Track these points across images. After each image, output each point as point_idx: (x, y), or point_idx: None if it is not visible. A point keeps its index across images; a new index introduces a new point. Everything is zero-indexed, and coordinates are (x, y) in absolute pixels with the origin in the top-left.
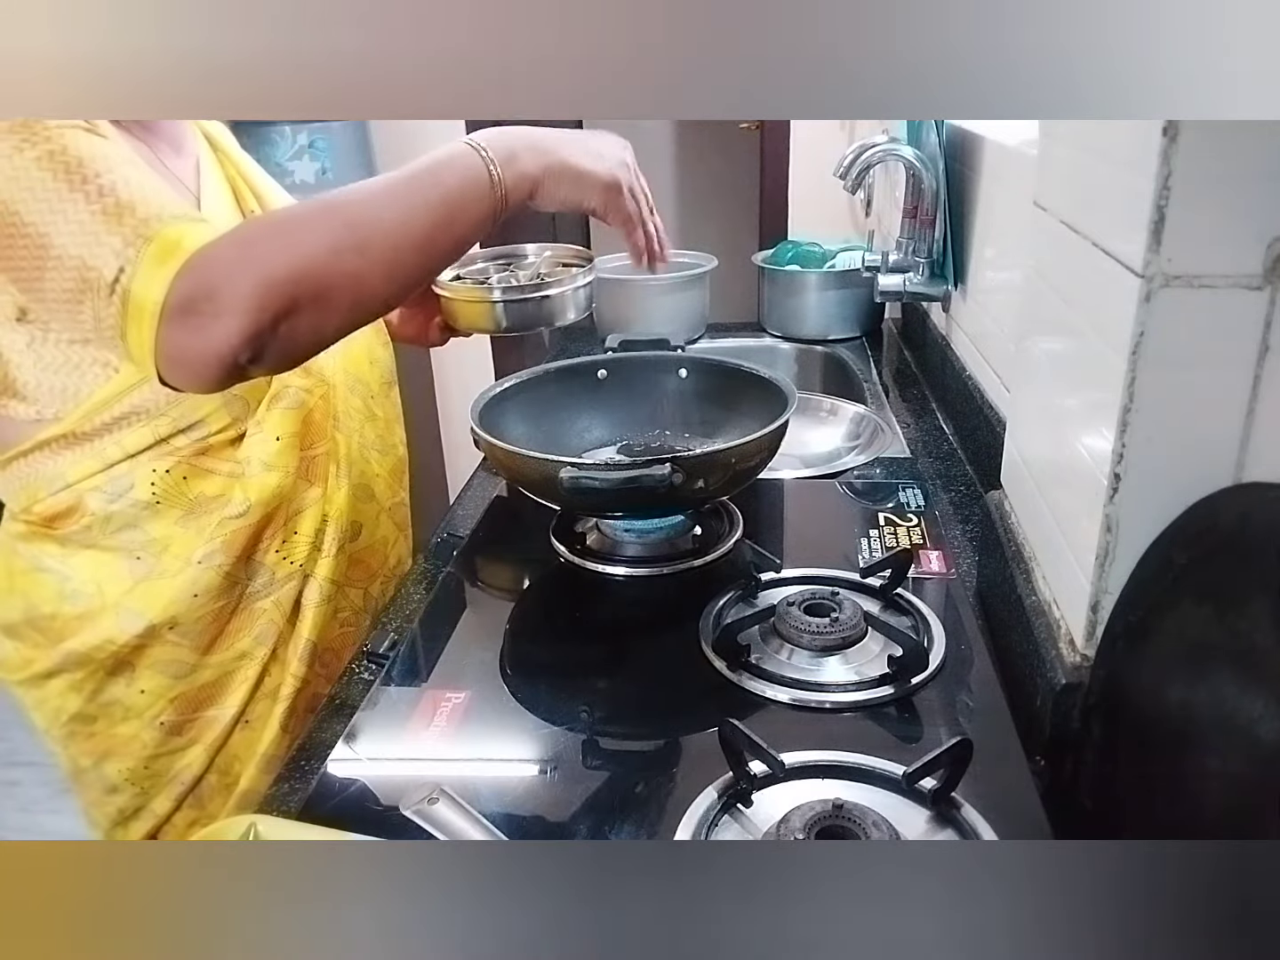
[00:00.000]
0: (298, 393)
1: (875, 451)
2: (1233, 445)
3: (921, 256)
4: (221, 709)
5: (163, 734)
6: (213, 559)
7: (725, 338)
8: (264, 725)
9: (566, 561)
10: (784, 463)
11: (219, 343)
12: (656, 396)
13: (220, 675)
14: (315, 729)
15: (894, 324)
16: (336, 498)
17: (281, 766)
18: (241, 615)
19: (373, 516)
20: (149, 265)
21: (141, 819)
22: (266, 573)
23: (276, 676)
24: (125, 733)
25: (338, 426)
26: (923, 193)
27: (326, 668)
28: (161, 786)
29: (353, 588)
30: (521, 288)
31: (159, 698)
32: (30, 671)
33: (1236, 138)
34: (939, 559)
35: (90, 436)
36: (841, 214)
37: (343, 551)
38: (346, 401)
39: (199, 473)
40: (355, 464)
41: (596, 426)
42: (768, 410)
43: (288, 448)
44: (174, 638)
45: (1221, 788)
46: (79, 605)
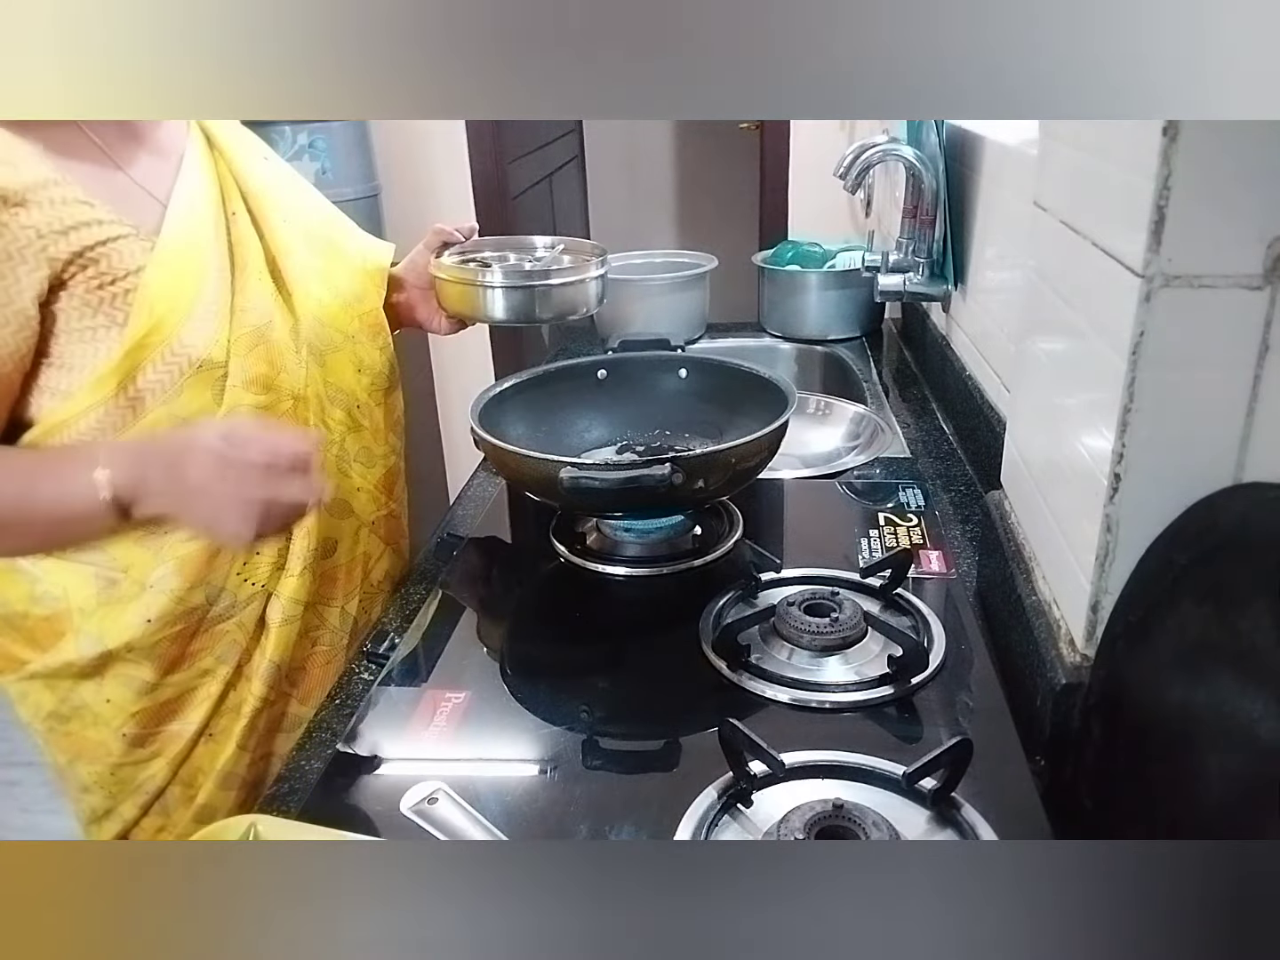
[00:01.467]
0: (250, 411)
1: (875, 451)
2: (1233, 445)
3: (921, 256)
4: (184, 724)
5: (126, 745)
6: (166, 583)
7: (725, 338)
8: (227, 740)
9: (566, 561)
10: (784, 463)
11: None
12: (656, 396)
13: (181, 693)
14: (315, 729)
15: (894, 324)
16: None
17: (240, 783)
18: (203, 636)
19: (350, 532)
20: None
21: (111, 820)
22: (228, 596)
23: (241, 692)
24: (94, 737)
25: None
26: (923, 193)
27: (294, 686)
28: (128, 794)
29: (325, 606)
30: (526, 273)
31: (121, 710)
32: (12, 670)
33: (1236, 138)
34: (939, 559)
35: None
36: (841, 214)
37: (309, 570)
38: (324, 414)
39: None
40: (330, 479)
41: (596, 426)
42: (768, 410)
43: None
44: (133, 658)
45: (1221, 788)
46: (46, 607)
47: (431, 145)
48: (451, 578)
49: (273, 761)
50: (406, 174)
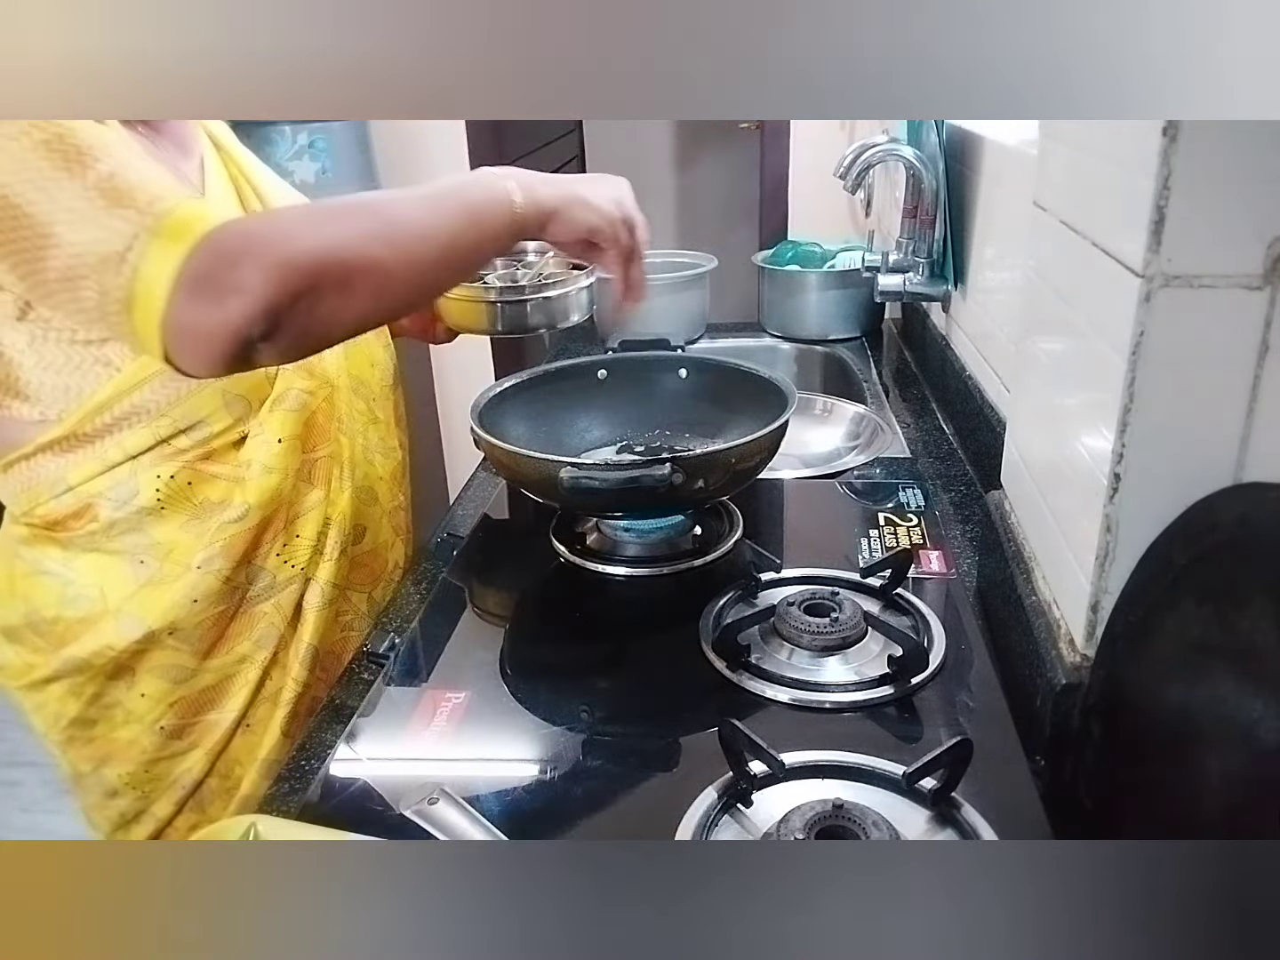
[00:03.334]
0: (300, 395)
1: (875, 451)
2: (1233, 445)
3: (921, 256)
4: (222, 713)
5: (163, 738)
6: (212, 564)
7: (725, 338)
8: (265, 729)
9: (566, 561)
10: (784, 463)
11: (235, 315)
12: (656, 396)
13: (220, 679)
14: (316, 729)
15: (894, 324)
16: (340, 500)
17: (282, 769)
18: (242, 619)
19: (376, 519)
20: (163, 239)
21: (143, 823)
22: (267, 576)
23: (277, 680)
24: (125, 737)
25: (342, 429)
26: (923, 193)
27: (327, 672)
28: (162, 790)
29: (355, 591)
30: (520, 288)
31: (159, 702)
32: (30, 677)
33: (1236, 138)
34: (939, 559)
35: (91, 438)
36: (841, 214)
37: (345, 555)
38: (350, 404)
39: (203, 477)
40: (359, 466)
41: (596, 426)
42: (768, 410)
43: (289, 450)
44: (174, 643)
45: (1221, 788)
46: (80, 609)
47: (431, 146)
48: (451, 578)
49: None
50: (406, 174)
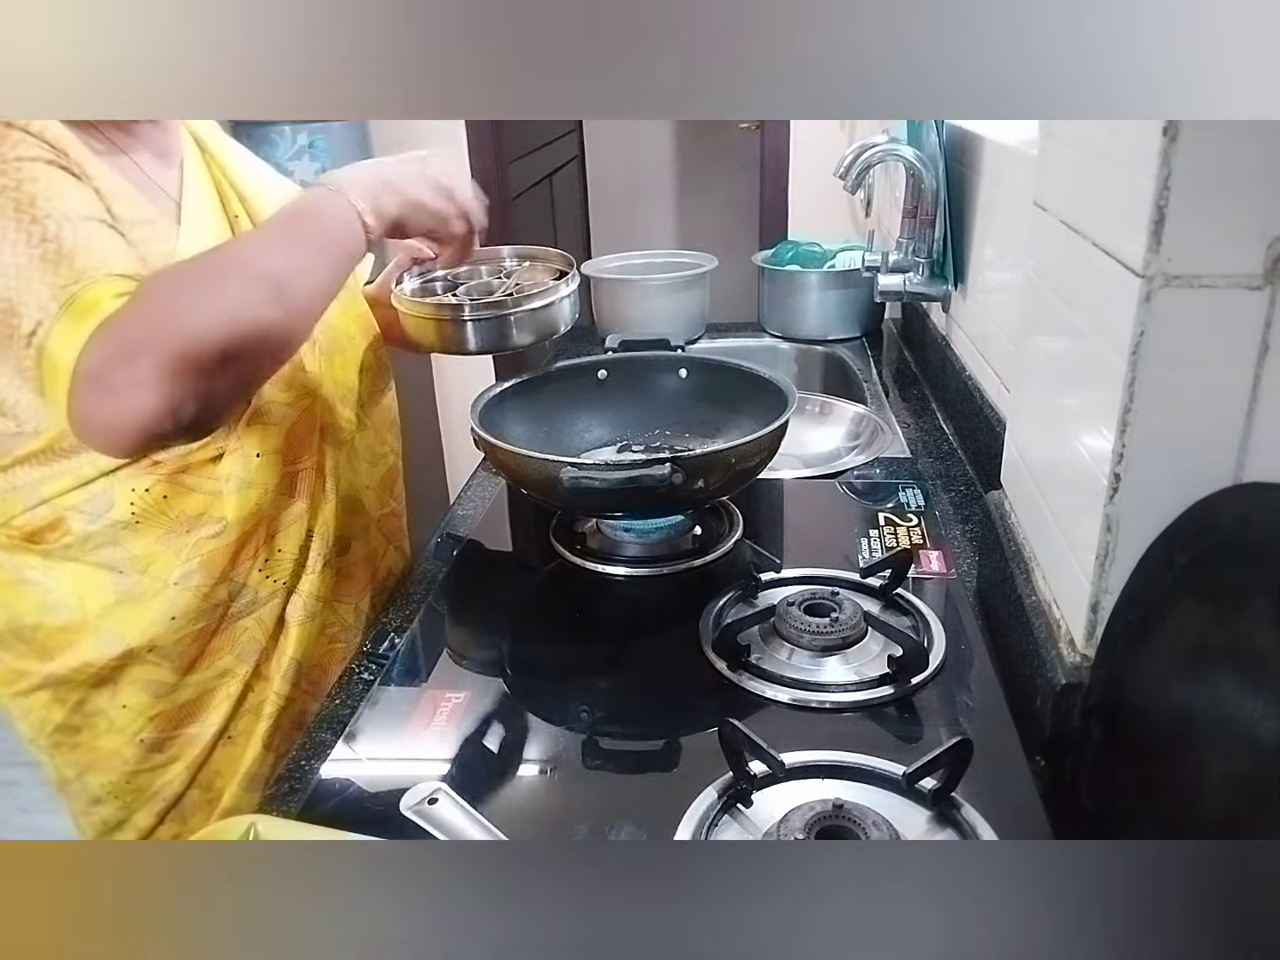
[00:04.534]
0: (278, 408)
1: (875, 451)
2: (1233, 445)
3: (921, 256)
4: (203, 726)
5: (143, 750)
6: (190, 580)
7: (725, 338)
8: (247, 742)
9: (566, 561)
10: (784, 463)
11: (135, 413)
12: (656, 396)
13: (201, 693)
14: (315, 729)
15: (894, 324)
16: (323, 511)
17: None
18: (223, 634)
19: (363, 529)
20: (66, 323)
21: (125, 831)
22: (249, 591)
23: (260, 693)
24: (108, 746)
25: (326, 439)
26: (923, 193)
27: (314, 684)
28: (143, 802)
29: (341, 603)
30: (499, 303)
31: (139, 715)
32: (16, 686)
33: (1236, 138)
34: (939, 559)
35: (68, 452)
36: (841, 214)
37: (329, 567)
38: (336, 412)
39: (180, 491)
40: (344, 476)
41: (596, 426)
42: (768, 410)
43: (267, 464)
44: (154, 659)
45: (1221, 787)
46: (61, 617)
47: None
48: (451, 578)
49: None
50: None
